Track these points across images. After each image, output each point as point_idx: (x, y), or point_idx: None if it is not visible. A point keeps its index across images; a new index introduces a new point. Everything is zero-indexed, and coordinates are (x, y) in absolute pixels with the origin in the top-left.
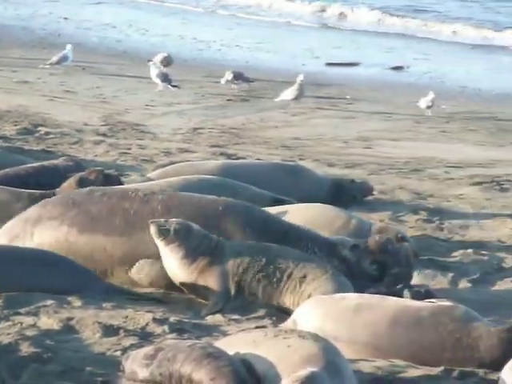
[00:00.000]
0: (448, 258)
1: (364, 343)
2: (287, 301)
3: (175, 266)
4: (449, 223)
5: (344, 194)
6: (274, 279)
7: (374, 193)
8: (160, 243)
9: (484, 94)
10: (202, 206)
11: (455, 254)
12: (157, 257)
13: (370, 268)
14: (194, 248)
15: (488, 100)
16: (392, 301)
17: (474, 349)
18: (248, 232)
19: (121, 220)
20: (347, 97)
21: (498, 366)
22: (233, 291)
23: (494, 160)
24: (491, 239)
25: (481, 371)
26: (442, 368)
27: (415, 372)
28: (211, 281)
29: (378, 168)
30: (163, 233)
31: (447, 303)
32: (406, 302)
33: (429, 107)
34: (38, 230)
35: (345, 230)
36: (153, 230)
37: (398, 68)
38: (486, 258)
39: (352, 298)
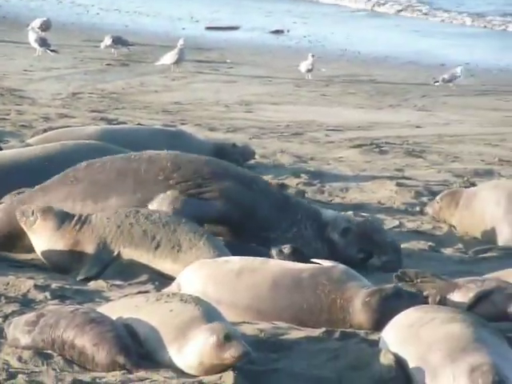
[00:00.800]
0: None
1: (246, 306)
2: (168, 268)
3: (45, 243)
4: (329, 186)
5: (226, 158)
6: (147, 246)
7: (256, 157)
8: (26, 226)
9: (363, 56)
10: (207, 161)
11: None
12: None
13: (356, 255)
14: (60, 224)
15: (367, 63)
16: (274, 263)
17: (345, 310)
18: (249, 193)
19: (133, 179)
20: (227, 61)
21: (374, 327)
22: (108, 256)
23: (373, 123)
24: (371, 201)
25: (362, 332)
26: (323, 329)
27: (298, 334)
28: (84, 248)
29: (260, 132)
30: (27, 215)
31: (328, 263)
32: (289, 264)
33: (309, 71)
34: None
35: None
36: (18, 216)
37: (277, 32)
38: None
39: (235, 261)
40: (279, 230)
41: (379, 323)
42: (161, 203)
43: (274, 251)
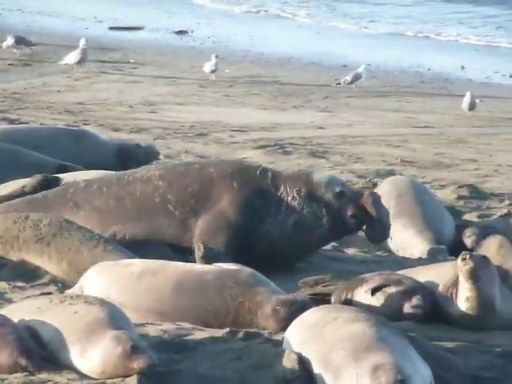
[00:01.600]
0: None
1: (149, 308)
2: (65, 270)
3: None
4: None
5: (130, 158)
6: (41, 248)
7: (160, 157)
8: None
9: (267, 57)
10: (197, 174)
11: None
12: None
13: (350, 220)
14: None
15: (271, 64)
16: (177, 265)
17: (254, 314)
18: (237, 187)
19: (132, 203)
20: (131, 61)
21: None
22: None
23: (276, 123)
24: None
25: (266, 332)
26: (227, 329)
27: (201, 334)
28: None
29: (164, 132)
30: None
31: (233, 267)
32: (193, 266)
33: (213, 71)
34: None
35: None
36: None
37: (181, 32)
38: None
39: (137, 263)
40: (271, 216)
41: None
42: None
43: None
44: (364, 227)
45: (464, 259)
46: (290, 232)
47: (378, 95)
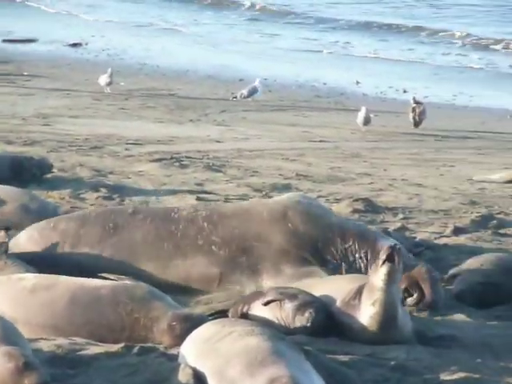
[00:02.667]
0: None
1: (42, 324)
2: None
3: None
4: (129, 200)
5: (23, 171)
6: None
7: (54, 170)
8: None
9: (163, 70)
10: (245, 213)
11: None
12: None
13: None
14: None
15: (167, 77)
16: (71, 279)
17: (149, 330)
18: (292, 228)
19: (169, 244)
20: (25, 73)
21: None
22: None
23: (173, 137)
24: None
25: (161, 346)
26: (122, 344)
27: (96, 349)
28: None
29: (58, 145)
30: None
31: (129, 282)
32: (87, 281)
33: (108, 84)
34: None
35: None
36: None
37: (75, 45)
38: None
39: (29, 278)
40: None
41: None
42: None
43: None
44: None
45: (389, 261)
46: None
47: (275, 109)
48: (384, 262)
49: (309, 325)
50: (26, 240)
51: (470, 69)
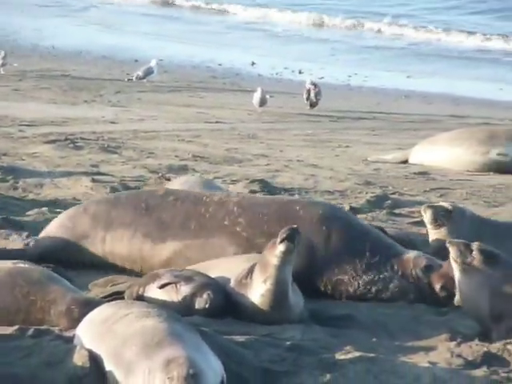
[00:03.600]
0: (23, 217)
1: None
2: None
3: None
4: (23, 182)
5: None
6: None
7: None
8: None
9: (57, 51)
10: (279, 205)
11: (30, 212)
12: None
13: (440, 292)
14: None
15: (60, 58)
16: None
17: (46, 312)
18: (326, 232)
19: (196, 224)
20: None
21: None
22: None
23: (67, 118)
24: (66, 197)
25: (56, 329)
26: (16, 327)
27: None
28: None
29: None
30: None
31: (26, 265)
32: None
33: (1, 65)
34: (109, 236)
35: None
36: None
37: None
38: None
39: None
40: (353, 272)
41: None
42: None
43: None
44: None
45: (288, 240)
46: (369, 295)
47: (170, 90)
48: (283, 241)
49: (207, 306)
50: (58, 227)
51: (365, 49)
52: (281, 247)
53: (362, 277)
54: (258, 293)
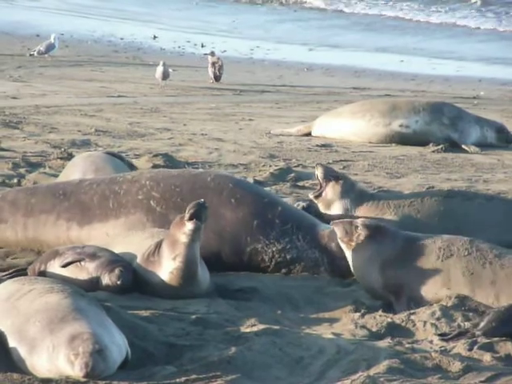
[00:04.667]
0: None
1: None
2: None
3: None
4: None
5: None
6: None
7: None
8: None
9: None
10: (191, 177)
11: None
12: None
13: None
14: None
15: None
16: None
17: None
18: (235, 203)
19: (114, 202)
20: None
21: None
22: None
23: None
24: None
25: None
26: None
27: None
28: None
29: None
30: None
31: None
32: None
33: None
34: (31, 222)
35: None
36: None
37: None
38: None
39: None
40: (266, 240)
41: None
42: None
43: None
44: None
45: (196, 218)
46: (284, 264)
47: (72, 65)
48: (191, 218)
49: (119, 282)
50: None
51: (268, 23)
52: (189, 225)
53: (275, 244)
54: (167, 270)
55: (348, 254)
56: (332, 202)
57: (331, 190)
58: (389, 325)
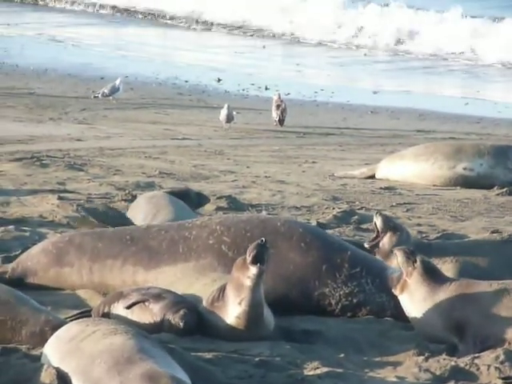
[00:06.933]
0: None
1: None
2: None
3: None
4: None
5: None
6: None
7: None
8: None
9: (22, 69)
10: (261, 222)
11: None
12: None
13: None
14: None
15: (26, 76)
16: None
17: (17, 332)
18: (305, 248)
19: (183, 247)
20: None
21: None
22: None
23: (33, 136)
24: (32, 215)
25: (24, 347)
26: None
27: None
28: None
29: None
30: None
31: None
32: None
33: None
34: (97, 266)
35: None
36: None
37: None
38: (27, 233)
39: None
40: (334, 283)
41: None
42: None
43: None
44: None
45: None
46: (350, 308)
47: (137, 107)
48: (254, 261)
49: (183, 323)
50: (40, 252)
51: (331, 66)
52: (253, 270)
53: (342, 288)
54: (232, 315)
55: (402, 298)
56: (389, 253)
57: (388, 241)
58: (452, 368)
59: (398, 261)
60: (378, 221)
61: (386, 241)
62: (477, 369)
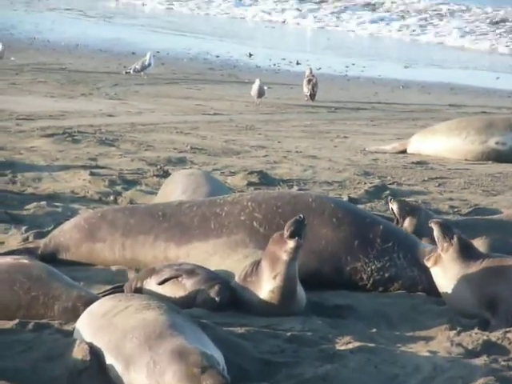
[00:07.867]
0: (22, 210)
1: None
2: None
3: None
4: (22, 176)
5: None
6: None
7: None
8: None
9: (53, 45)
10: (292, 198)
11: (29, 206)
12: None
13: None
14: None
15: (57, 51)
16: None
17: (49, 308)
18: (336, 223)
19: (215, 223)
20: None
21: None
22: None
23: (64, 111)
24: (64, 190)
25: (56, 322)
26: (16, 321)
27: None
28: None
29: None
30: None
31: (25, 261)
32: None
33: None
34: (129, 242)
35: None
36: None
37: None
38: (59, 209)
39: None
40: (366, 258)
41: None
42: None
43: None
44: None
45: (298, 236)
46: (382, 282)
47: (168, 82)
48: (292, 236)
49: (218, 299)
50: (73, 227)
51: (362, 39)
52: (291, 243)
53: (374, 263)
54: (267, 289)
55: (435, 271)
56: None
57: (409, 225)
58: (484, 342)
59: (434, 234)
60: (394, 207)
61: (407, 225)
62: (509, 343)
